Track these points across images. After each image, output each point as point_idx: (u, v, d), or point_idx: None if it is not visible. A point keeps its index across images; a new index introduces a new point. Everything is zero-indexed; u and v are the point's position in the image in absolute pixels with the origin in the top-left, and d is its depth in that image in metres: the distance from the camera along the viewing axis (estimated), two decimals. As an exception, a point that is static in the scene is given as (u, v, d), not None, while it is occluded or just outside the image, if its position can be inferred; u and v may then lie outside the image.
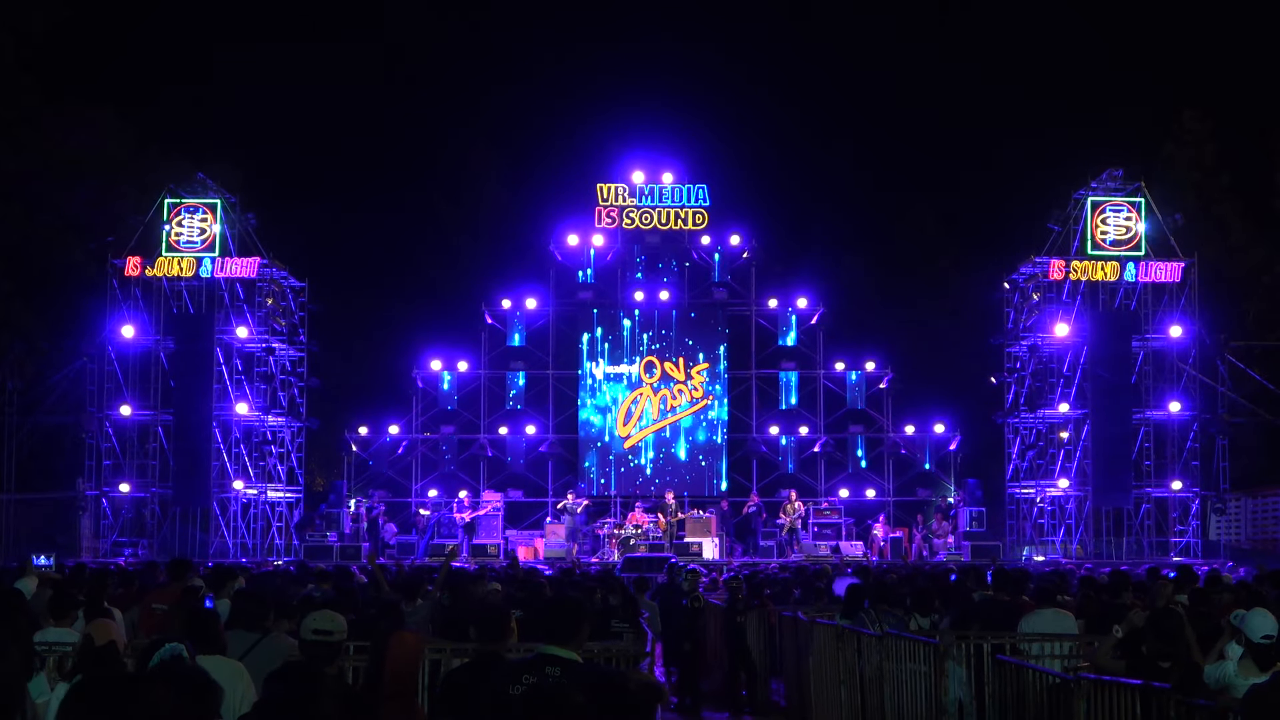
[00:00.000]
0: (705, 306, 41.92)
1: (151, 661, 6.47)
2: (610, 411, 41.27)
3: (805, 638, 14.88)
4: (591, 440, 41.29)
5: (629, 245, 41.81)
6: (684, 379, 41.23)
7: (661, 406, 41.14)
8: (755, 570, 25.97)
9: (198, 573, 15.54)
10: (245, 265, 37.77)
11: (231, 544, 37.73)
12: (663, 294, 41.28)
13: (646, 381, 41.20)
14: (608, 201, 41.20)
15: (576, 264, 42.01)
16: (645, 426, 41.13)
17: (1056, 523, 38.55)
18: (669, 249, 41.72)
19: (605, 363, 41.50)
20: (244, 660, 8.06)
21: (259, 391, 38.78)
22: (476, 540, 37.11)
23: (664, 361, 41.31)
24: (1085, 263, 37.46)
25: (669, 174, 41.38)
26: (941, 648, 10.85)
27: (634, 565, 29.83)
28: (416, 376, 41.50)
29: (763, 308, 41.92)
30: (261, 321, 38.58)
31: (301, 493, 40.45)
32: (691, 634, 17.82)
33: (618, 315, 41.76)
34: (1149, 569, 20.31)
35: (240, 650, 8.47)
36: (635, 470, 40.96)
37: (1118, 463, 36.82)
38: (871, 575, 20.08)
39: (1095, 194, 38.03)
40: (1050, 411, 38.27)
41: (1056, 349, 38.54)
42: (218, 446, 37.29)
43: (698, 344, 41.58)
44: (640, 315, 41.64)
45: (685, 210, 41.10)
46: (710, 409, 41.38)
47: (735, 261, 42.15)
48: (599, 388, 41.46)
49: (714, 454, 41.27)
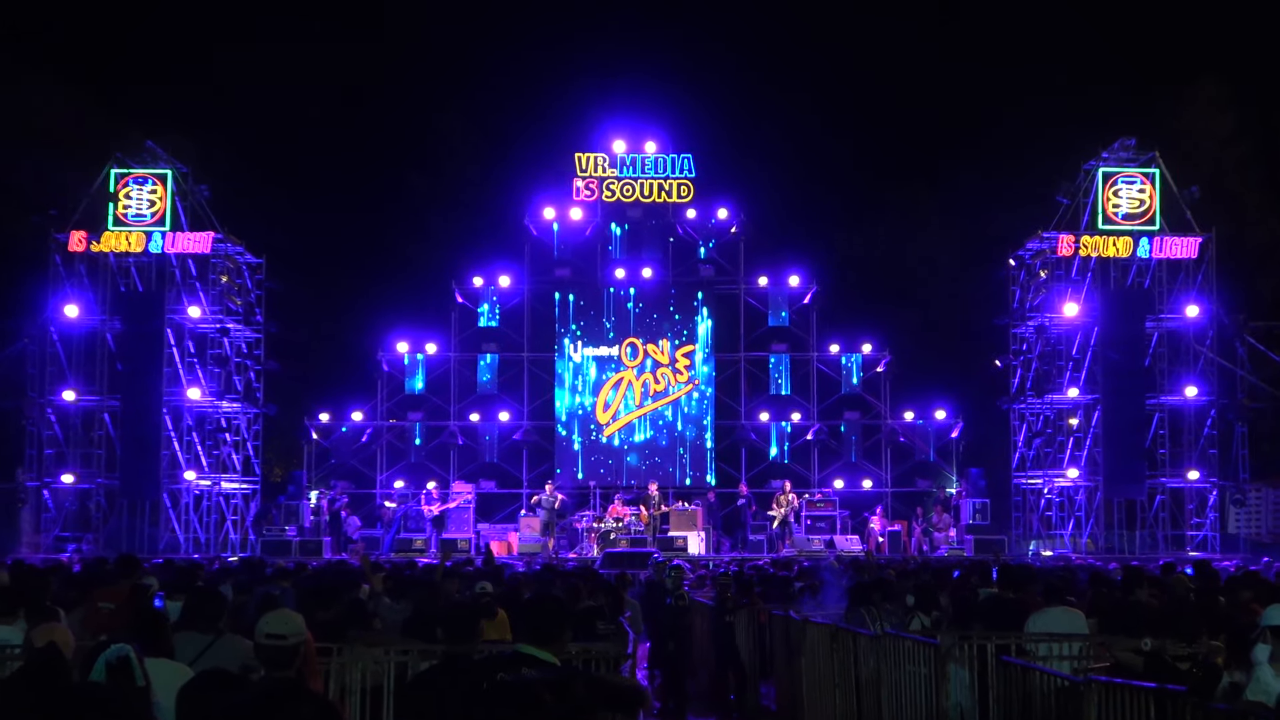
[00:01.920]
0: (691, 285, 41.89)
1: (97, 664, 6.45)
2: (589, 397, 41.24)
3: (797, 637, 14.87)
4: (569, 427, 41.27)
5: (609, 219, 41.76)
6: (668, 362, 41.23)
7: (644, 391, 41.14)
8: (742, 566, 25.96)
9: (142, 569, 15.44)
10: (198, 240, 37.62)
11: (183, 539, 37.64)
12: (645, 271, 41.24)
13: (628, 365, 41.19)
14: (586, 172, 41.13)
15: (553, 239, 41.96)
16: (627, 413, 41.14)
17: (1065, 515, 38.68)
18: (652, 223, 41.67)
19: (584, 345, 41.47)
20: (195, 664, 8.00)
21: (213, 375, 38.65)
22: (446, 534, 37.06)
23: (647, 343, 41.29)
24: (1096, 238, 37.54)
25: (652, 143, 41.31)
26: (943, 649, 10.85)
27: (615, 561, 29.81)
28: (382, 359, 41.43)
29: (752, 286, 41.92)
30: (215, 300, 38.45)
31: (258, 484, 40.34)
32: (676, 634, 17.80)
33: (597, 294, 41.72)
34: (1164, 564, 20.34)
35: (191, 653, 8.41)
36: (616, 459, 40.96)
37: (1130, 451, 36.92)
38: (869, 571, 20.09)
39: (1106, 165, 38.08)
40: (1058, 397, 38.35)
41: (1065, 330, 38.61)
42: (168, 434, 37.15)
43: (683, 325, 41.57)
44: (621, 294, 41.60)
45: (669, 181, 41.05)
46: (696, 394, 41.38)
47: (723, 237, 42.11)
48: (577, 371, 41.43)
49: (700, 442, 41.30)
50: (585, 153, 41.32)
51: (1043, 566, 26.05)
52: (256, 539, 37.54)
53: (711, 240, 41.98)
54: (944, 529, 37.84)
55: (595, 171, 41.13)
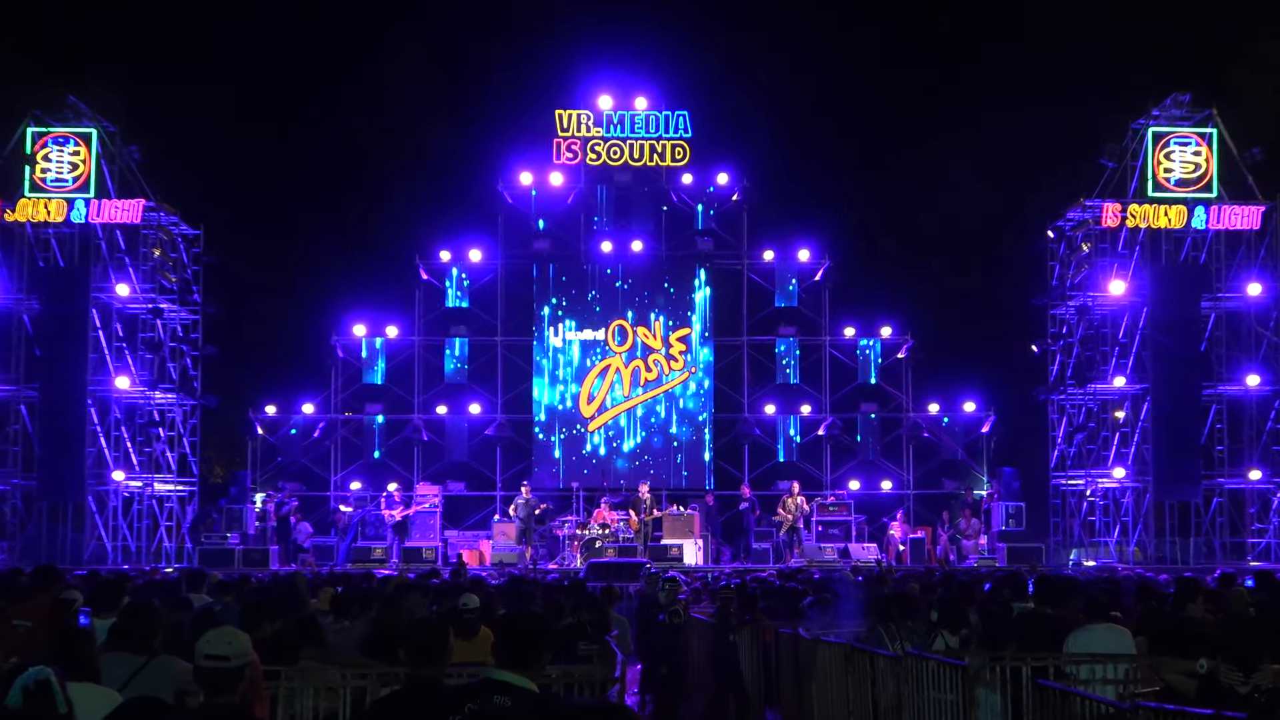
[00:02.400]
0: (687, 259, 41.89)
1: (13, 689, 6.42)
2: (572, 386, 41.24)
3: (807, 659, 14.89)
4: (549, 422, 41.28)
5: (594, 184, 41.74)
6: (661, 347, 41.24)
7: (634, 380, 41.15)
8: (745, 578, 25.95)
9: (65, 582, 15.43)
10: (127, 208, 37.54)
11: (111, 547, 37.60)
12: (635, 244, 41.23)
13: (616, 350, 41.19)
14: (568, 132, 41.09)
15: (530, 207, 41.94)
16: (615, 405, 41.15)
17: (1110, 520, 38.77)
18: (643, 189, 41.67)
19: (566, 327, 41.47)
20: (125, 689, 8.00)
21: (144, 362, 38.60)
22: (409, 543, 37.05)
23: (637, 326, 41.30)
24: (1145, 206, 37.57)
25: (642, 99, 41.28)
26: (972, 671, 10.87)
27: (601, 572, 29.80)
28: (336, 344, 41.40)
29: (757, 261, 41.94)
30: (147, 277, 38.38)
31: (196, 485, 40.31)
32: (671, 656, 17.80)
33: (581, 269, 41.71)
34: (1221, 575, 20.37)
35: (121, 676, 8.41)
36: (602, 458, 40.98)
37: (1184, 448, 37.00)
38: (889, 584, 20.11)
39: (1158, 124, 38.11)
40: (1103, 386, 38.42)
41: (1110, 311, 38.67)
42: (94, 429, 37.12)
43: (678, 305, 41.58)
44: (608, 269, 41.60)
45: (662, 142, 41.04)
46: (693, 383, 41.40)
47: (723, 204, 42.13)
48: (558, 358, 41.44)
49: (698, 438, 41.32)
50: (567, 109, 41.27)
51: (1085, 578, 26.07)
52: (194, 548, 37.44)
53: (710, 208, 41.99)
54: (973, 536, 37.89)
55: (578, 131, 41.08)
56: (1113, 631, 12.11)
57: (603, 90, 41.31)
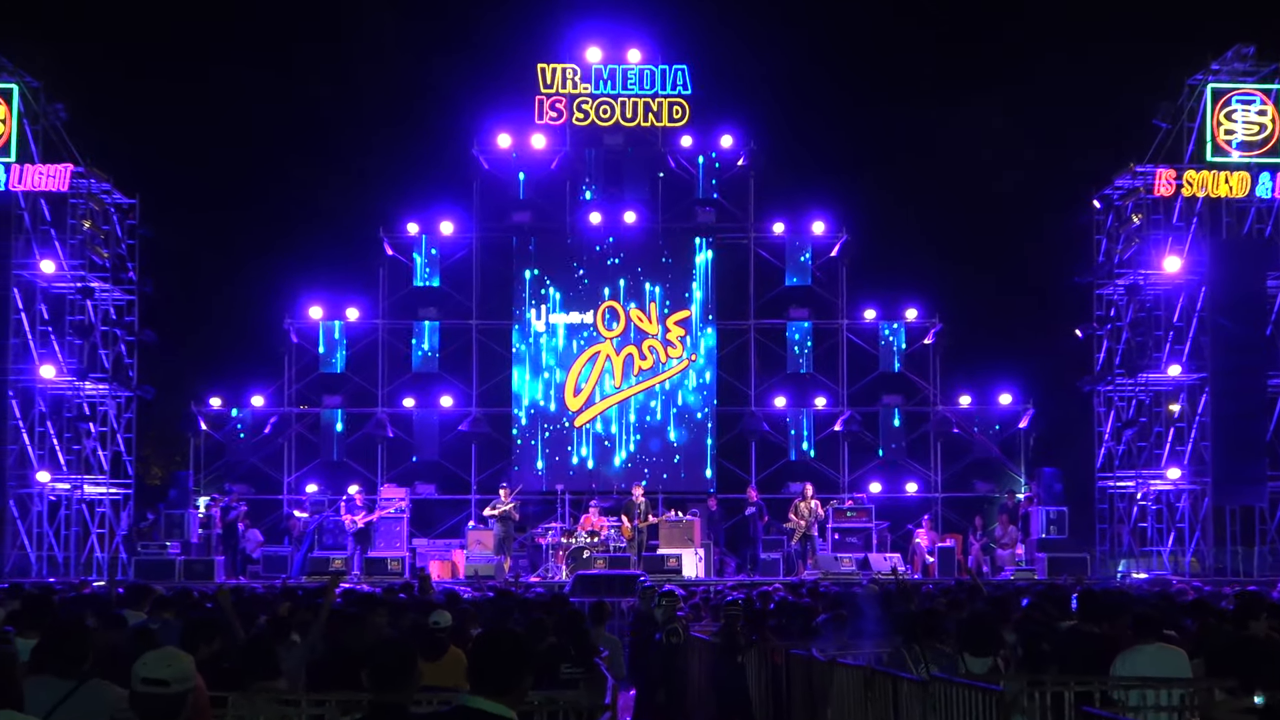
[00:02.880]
0: (686, 232, 41.89)
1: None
2: (557, 375, 41.23)
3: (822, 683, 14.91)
4: (531, 416, 41.27)
5: (581, 148, 41.70)
6: (657, 332, 41.23)
7: (626, 369, 41.14)
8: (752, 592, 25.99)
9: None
10: (53, 174, 37.45)
11: (35, 557, 37.58)
12: (628, 215, 41.21)
13: (606, 335, 41.18)
14: (552, 88, 41.06)
15: (510, 174, 41.89)
16: (605, 397, 41.13)
17: (1164, 527, 38.80)
18: (636, 153, 41.64)
19: (550, 310, 41.44)
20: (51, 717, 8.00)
21: (72, 348, 38.56)
22: (373, 552, 37.06)
23: (630, 308, 41.29)
24: (1204, 173, 37.54)
25: (636, 50, 41.25)
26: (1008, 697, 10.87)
27: (589, 586, 29.80)
28: (290, 328, 41.34)
29: (765, 234, 41.93)
30: (76, 252, 38.32)
31: (131, 488, 40.27)
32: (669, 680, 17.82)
33: (566, 244, 41.71)
34: (1288, 589, 20.44)
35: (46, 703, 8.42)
36: (591, 457, 40.97)
37: (1247, 445, 37.04)
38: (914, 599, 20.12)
39: (1218, 79, 38.09)
40: (1156, 376, 38.44)
41: (1164, 290, 38.69)
42: (15, 423, 37.11)
43: (676, 284, 41.57)
44: (598, 245, 41.59)
45: (658, 100, 41.02)
46: (693, 373, 41.40)
47: (727, 171, 42.11)
48: (541, 344, 41.42)
49: (698, 434, 41.33)
50: (551, 63, 41.22)
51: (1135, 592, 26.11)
52: (129, 559, 37.46)
53: (712, 175, 41.94)
54: (1009, 545, 37.92)
55: (564, 87, 41.05)
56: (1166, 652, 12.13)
57: (591, 41, 41.27)
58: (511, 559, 36.53)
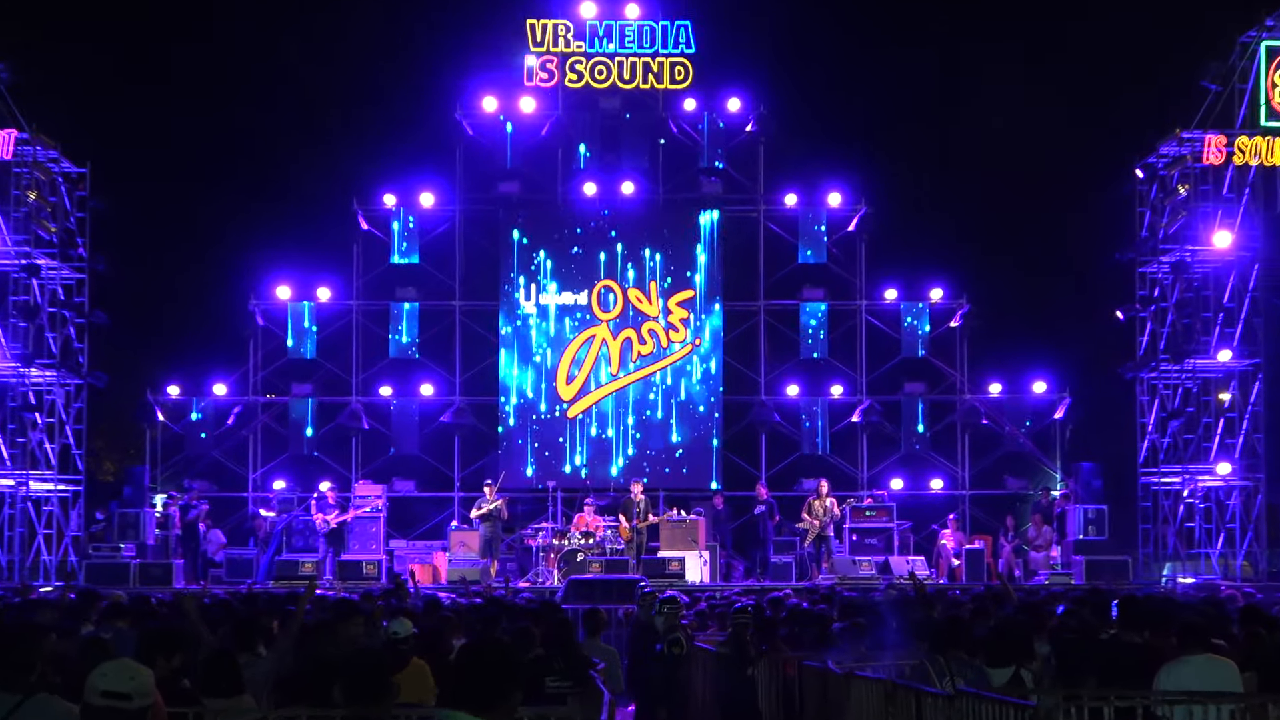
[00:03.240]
0: (690, 204, 41.89)
1: None
2: (548, 360, 41.22)
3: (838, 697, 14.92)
4: (520, 406, 41.27)
5: (575, 113, 41.67)
6: (658, 314, 41.22)
7: (624, 355, 41.12)
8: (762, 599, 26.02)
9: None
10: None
11: (-23, 561, 37.67)
12: (626, 186, 41.17)
13: (602, 318, 41.16)
14: (543, 47, 41.03)
15: (496, 141, 41.85)
16: (601, 385, 41.12)
17: (1213, 527, 38.80)
18: (635, 119, 41.61)
19: (540, 289, 41.42)
20: (-6, 735, 8.00)
21: (16, 332, 38.54)
22: (346, 555, 37.06)
23: (628, 288, 41.26)
24: (1256, 139, 37.55)
25: (634, 5, 41.21)
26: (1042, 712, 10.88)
27: (583, 592, 29.84)
28: (255, 310, 41.32)
29: (776, 207, 41.92)
30: (20, 226, 38.30)
31: (82, 485, 40.27)
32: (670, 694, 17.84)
33: (559, 218, 41.68)
34: (1349, 596, 20.46)
35: (-12, 720, 8.42)
36: (585, 451, 40.97)
37: (1304, 438, 37.10)
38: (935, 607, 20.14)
39: (1272, 36, 38.05)
40: (1204, 361, 38.44)
41: (1214, 268, 38.67)
42: (-45, 415, 37.13)
43: (679, 261, 41.56)
44: (592, 219, 41.55)
45: (659, 60, 41.00)
46: (697, 359, 41.38)
47: (735, 137, 42.09)
48: (531, 327, 41.40)
49: (703, 426, 41.33)
50: (541, 19, 41.18)
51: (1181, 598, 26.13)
52: (80, 562, 37.46)
53: (718, 142, 41.88)
54: (1044, 547, 37.96)
55: (555, 45, 41.03)
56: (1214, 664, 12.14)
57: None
58: (499, 562, 36.52)
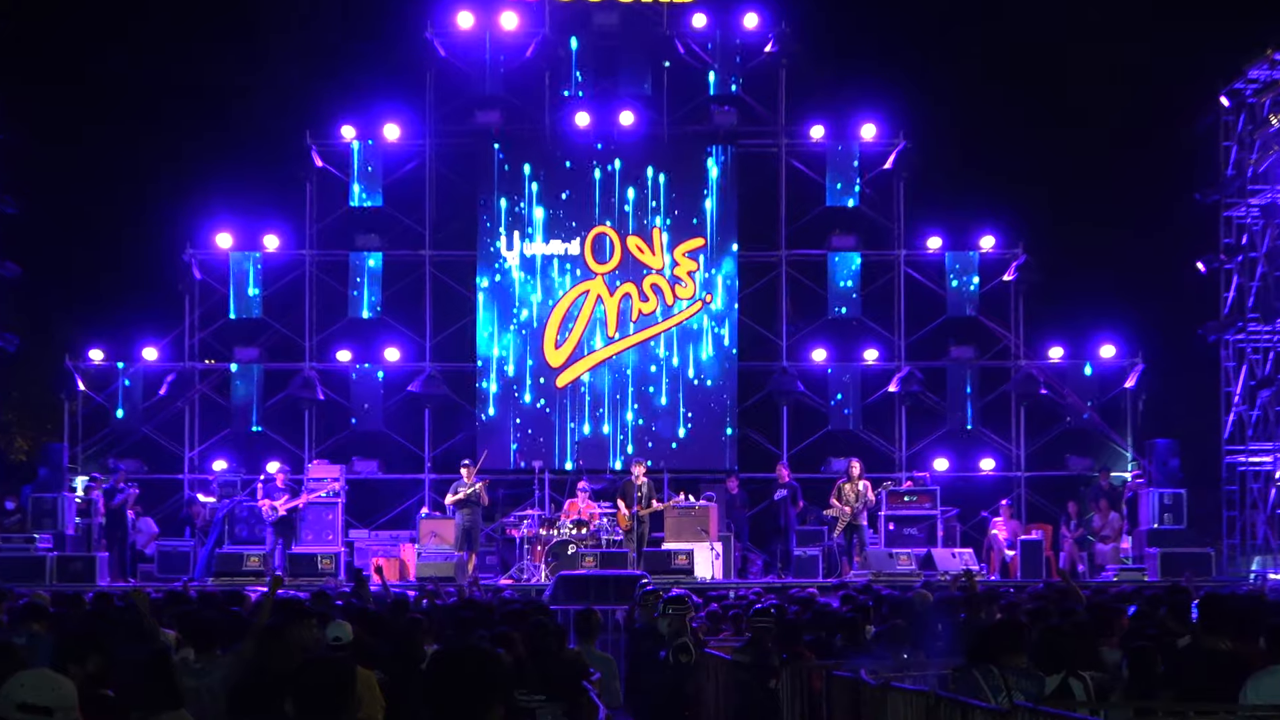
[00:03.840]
0: (699, 138, 41.88)
1: None
2: (533, 319, 41.22)
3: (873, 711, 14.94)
4: (501, 374, 41.26)
5: (565, 30, 41.64)
6: (663, 265, 41.19)
7: (623, 314, 41.09)
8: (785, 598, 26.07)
9: None
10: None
11: None
12: (624, 116, 41.13)
13: (597, 271, 41.14)
14: (527, -47, 41.06)
15: (474, 64, 41.79)
16: (596, 349, 41.10)
17: (1310, 514, 38.92)
18: (635, 37, 41.53)
19: (525, 238, 41.39)
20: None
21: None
22: (299, 547, 37.09)
23: (627, 235, 41.23)
24: (1363, 62, 37.59)
25: (634, -94, 41.24)
26: (1110, 730, 10.89)
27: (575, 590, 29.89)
28: (191, 260, 41.28)
29: (800, 141, 41.90)
30: (-83, 165, 38.39)
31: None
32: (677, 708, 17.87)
33: (546, 153, 41.65)
34: None
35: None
36: (578, 426, 41.00)
37: None
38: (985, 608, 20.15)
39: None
40: (1300, 321, 38.54)
41: (1311, 212, 38.72)
42: None
43: (687, 204, 41.54)
44: (586, 153, 41.52)
45: (664, -32, 41.03)
46: (707, 318, 41.36)
47: (752, 60, 42.03)
48: (514, 281, 41.38)
49: (714, 398, 41.33)
50: (525, -79, 41.22)
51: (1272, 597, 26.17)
52: (-12, 555, 37.60)
53: (733, 65, 41.82)
54: (1112, 538, 37.96)
55: (541, -48, 41.07)
56: (1312, 674, 12.14)
57: (576, -107, 41.28)
58: (476, 556, 36.52)
